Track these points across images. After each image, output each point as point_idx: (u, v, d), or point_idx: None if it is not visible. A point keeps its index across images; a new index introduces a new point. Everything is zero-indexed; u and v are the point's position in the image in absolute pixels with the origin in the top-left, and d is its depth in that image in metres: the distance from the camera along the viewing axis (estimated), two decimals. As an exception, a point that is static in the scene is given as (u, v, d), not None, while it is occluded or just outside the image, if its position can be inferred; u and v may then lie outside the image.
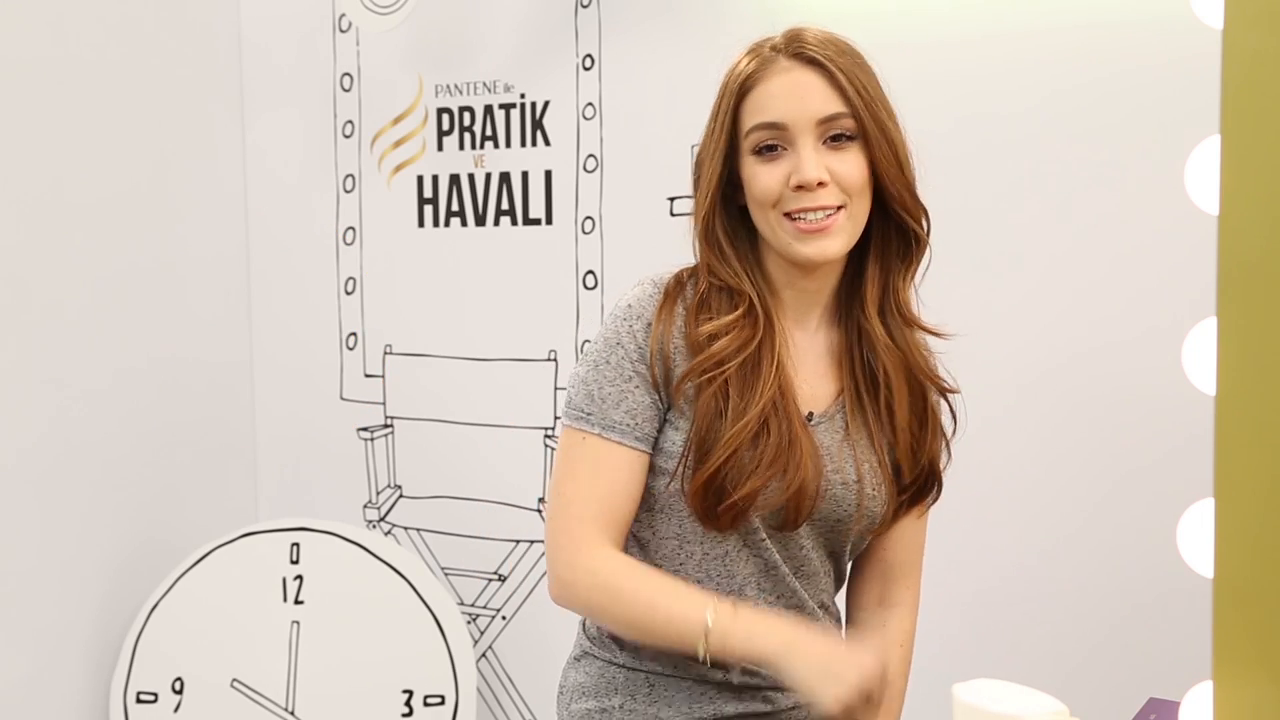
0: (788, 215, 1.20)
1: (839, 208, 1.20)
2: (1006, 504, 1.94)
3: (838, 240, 1.20)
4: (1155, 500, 1.60)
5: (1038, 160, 1.88)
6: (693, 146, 2.01)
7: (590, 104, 2.22)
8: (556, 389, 2.27)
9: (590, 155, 2.23)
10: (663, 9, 2.14)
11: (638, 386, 1.21)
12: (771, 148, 1.20)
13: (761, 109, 1.21)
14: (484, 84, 2.31)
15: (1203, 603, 0.90)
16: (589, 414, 1.21)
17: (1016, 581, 1.95)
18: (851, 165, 1.19)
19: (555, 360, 2.28)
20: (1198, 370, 1.02)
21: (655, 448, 1.24)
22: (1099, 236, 1.85)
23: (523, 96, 2.28)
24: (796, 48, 1.21)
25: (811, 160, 1.18)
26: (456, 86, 2.33)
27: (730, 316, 1.25)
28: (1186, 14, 1.16)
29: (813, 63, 1.20)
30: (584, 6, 2.21)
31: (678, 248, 1.87)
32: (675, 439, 1.21)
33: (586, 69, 2.22)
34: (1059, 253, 1.87)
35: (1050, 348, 1.90)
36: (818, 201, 1.18)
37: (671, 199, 2.11)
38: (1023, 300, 1.91)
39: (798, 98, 1.19)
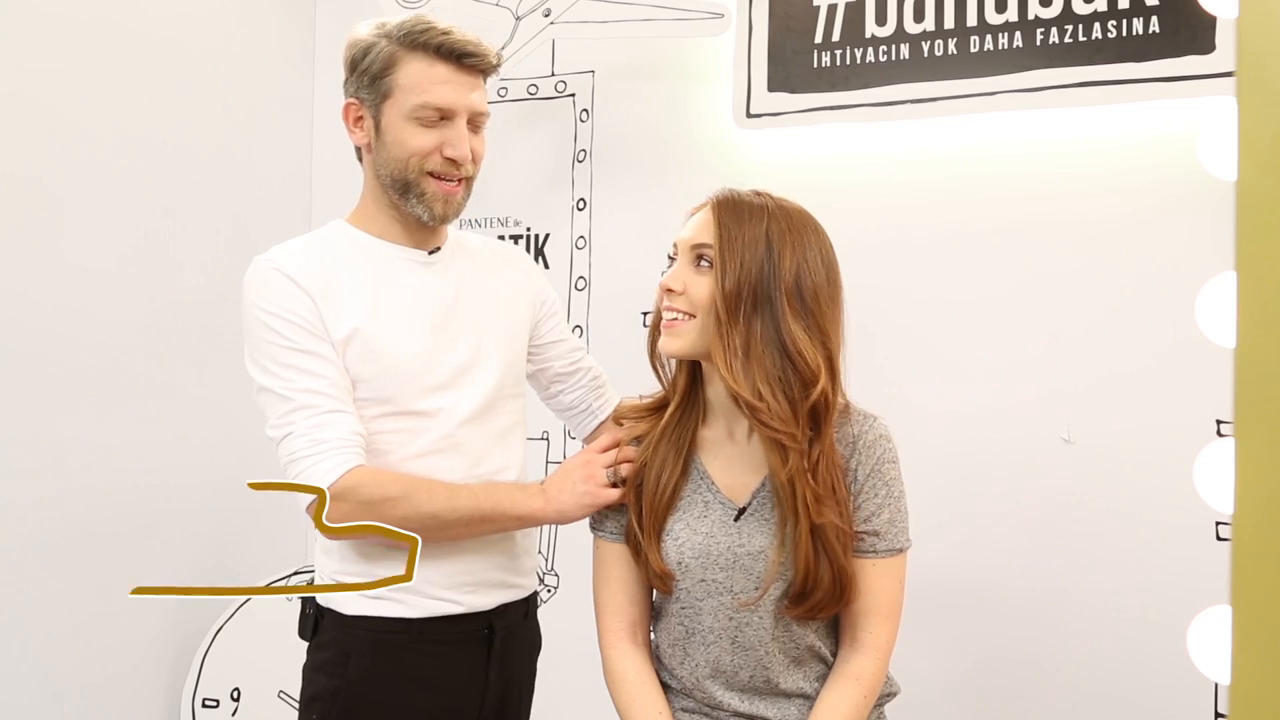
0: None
1: (689, 315, 1.24)
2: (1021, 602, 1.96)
3: (679, 340, 1.24)
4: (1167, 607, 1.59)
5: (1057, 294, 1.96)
6: (662, 271, 2.04)
7: (582, 236, 2.36)
8: (547, 461, 2.38)
9: (580, 276, 2.36)
10: (639, 166, 2.30)
11: None
12: (673, 259, 1.31)
13: (679, 234, 1.32)
14: (499, 219, 2.45)
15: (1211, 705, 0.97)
16: None
17: (1025, 681, 1.94)
18: (701, 285, 1.23)
19: (547, 439, 2.39)
20: (1207, 487, 1.00)
21: None
22: (1120, 359, 1.89)
23: (529, 229, 2.42)
24: (712, 198, 1.30)
25: (675, 272, 1.26)
26: (479, 220, 2.47)
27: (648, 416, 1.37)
28: (1194, 165, 1.13)
29: (710, 207, 1.28)
30: (579, 161, 2.35)
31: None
32: None
33: (580, 209, 2.36)
34: (1088, 380, 1.92)
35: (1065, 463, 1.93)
36: (672, 303, 1.25)
37: (644, 313, 2.19)
38: (1042, 421, 1.94)
39: (691, 230, 1.28)
